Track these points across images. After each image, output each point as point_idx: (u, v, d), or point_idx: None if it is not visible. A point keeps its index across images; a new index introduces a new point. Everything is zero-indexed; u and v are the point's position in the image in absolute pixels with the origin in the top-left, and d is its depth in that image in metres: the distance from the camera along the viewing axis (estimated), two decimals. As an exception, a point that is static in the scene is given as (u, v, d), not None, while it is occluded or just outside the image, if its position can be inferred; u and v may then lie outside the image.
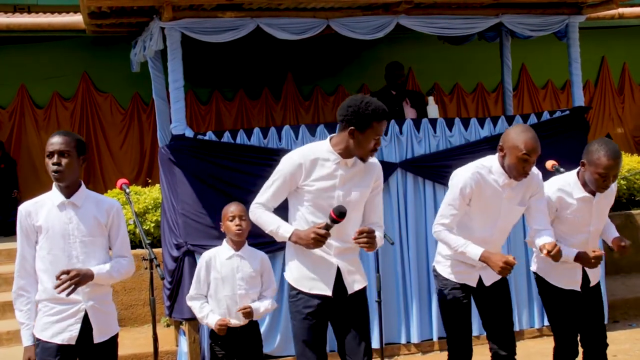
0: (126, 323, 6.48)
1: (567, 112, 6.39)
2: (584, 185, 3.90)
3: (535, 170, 3.77)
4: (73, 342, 3.44)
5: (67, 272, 3.29)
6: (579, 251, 3.84)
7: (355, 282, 3.54)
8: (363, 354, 3.49)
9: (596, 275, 4.10)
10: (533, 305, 6.15)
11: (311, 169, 3.42)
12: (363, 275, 3.62)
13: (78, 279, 3.30)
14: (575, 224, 3.94)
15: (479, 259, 3.63)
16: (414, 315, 5.88)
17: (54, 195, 3.50)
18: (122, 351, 5.77)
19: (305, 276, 3.49)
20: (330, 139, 3.49)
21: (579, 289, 4.02)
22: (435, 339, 5.92)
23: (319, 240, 3.32)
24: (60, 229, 3.44)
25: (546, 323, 6.17)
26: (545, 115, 6.31)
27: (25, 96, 9.28)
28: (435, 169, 5.86)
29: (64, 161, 3.39)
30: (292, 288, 3.55)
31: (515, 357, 3.85)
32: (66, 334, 3.43)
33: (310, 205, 3.45)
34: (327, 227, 3.32)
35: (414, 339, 5.89)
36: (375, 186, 3.58)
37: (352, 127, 3.35)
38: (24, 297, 3.48)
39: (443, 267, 3.88)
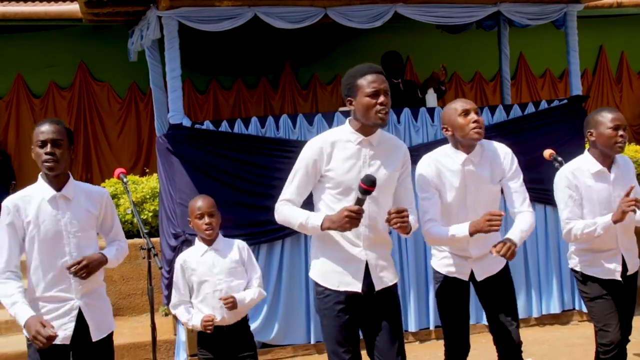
0: (124, 312, 6.49)
1: (565, 101, 6.39)
2: (599, 159, 3.88)
3: (504, 147, 3.69)
4: (67, 342, 3.30)
5: (78, 263, 3.25)
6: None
7: (384, 278, 3.34)
8: (396, 354, 3.30)
9: (634, 263, 4.02)
10: (531, 294, 6.17)
11: (332, 151, 3.25)
12: (394, 271, 3.42)
13: (88, 269, 3.27)
14: (597, 207, 3.86)
15: (470, 234, 3.42)
16: (412, 304, 5.90)
17: (42, 188, 3.33)
18: (120, 340, 5.84)
19: (332, 272, 3.29)
20: (349, 122, 3.36)
21: (619, 278, 3.94)
22: (432, 327, 5.94)
23: (354, 218, 3.05)
24: (53, 224, 3.29)
25: (544, 312, 6.21)
26: (543, 104, 6.31)
27: (21, 86, 9.21)
28: (433, 158, 5.85)
29: (57, 151, 3.26)
30: (318, 285, 3.35)
31: (521, 351, 3.72)
32: (60, 333, 3.24)
33: (337, 193, 3.25)
34: (359, 202, 3.07)
35: (412, 328, 5.91)
36: (404, 169, 3.39)
37: (349, 99, 3.28)
38: (13, 280, 3.23)
39: (436, 259, 3.84)
